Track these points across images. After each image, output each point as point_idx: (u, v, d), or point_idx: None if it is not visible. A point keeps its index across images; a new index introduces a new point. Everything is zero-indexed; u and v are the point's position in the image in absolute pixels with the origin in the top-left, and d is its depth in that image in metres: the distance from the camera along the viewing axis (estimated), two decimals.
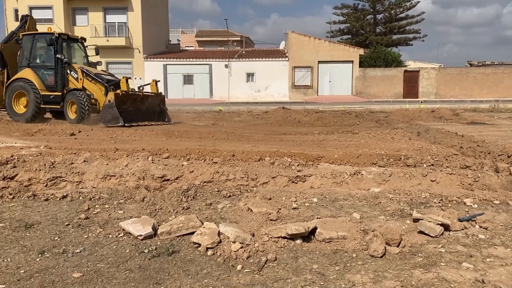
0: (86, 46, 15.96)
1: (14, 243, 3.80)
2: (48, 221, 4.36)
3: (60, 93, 14.15)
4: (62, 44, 14.52)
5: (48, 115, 15.49)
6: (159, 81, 15.53)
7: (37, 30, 15.94)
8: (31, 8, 33.85)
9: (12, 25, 33.82)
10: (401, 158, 6.83)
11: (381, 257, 3.43)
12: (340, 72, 35.11)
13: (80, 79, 13.99)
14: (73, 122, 13.38)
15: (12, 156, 6.64)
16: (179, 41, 48.85)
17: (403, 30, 51.06)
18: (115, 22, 34.62)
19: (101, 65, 16.61)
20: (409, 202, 4.90)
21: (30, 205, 4.95)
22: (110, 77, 14.97)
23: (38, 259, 3.45)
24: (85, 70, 14.27)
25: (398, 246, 3.59)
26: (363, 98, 33.64)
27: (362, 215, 4.41)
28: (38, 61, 14.79)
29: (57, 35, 14.38)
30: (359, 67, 35.25)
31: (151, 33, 36.73)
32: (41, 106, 14.34)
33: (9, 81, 14.66)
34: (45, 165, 6.09)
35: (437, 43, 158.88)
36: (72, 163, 6.31)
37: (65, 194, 5.27)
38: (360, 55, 35.49)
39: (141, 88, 14.48)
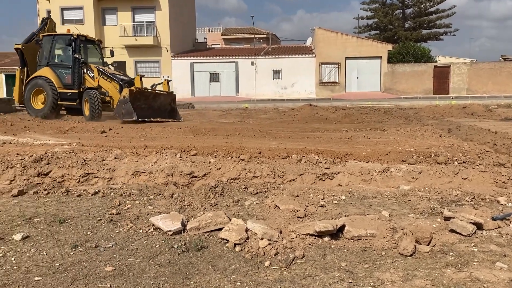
0: (103, 48, 16.89)
1: (49, 237, 3.93)
2: (81, 216, 4.49)
3: (76, 91, 14.96)
4: (80, 45, 15.37)
5: (63, 111, 16.23)
6: (170, 80, 16.30)
7: (56, 32, 16.52)
8: (62, 9, 34.77)
9: None
10: (431, 156, 6.69)
11: (411, 255, 3.38)
12: (368, 68, 34.61)
13: (96, 78, 14.84)
14: (87, 119, 14.09)
15: (46, 153, 6.86)
16: (206, 39, 49.20)
17: (433, 25, 49.86)
18: (143, 22, 35.15)
19: (116, 65, 17.38)
20: (439, 200, 4.80)
21: (63, 200, 5.11)
22: (124, 77, 15.71)
23: (72, 253, 3.57)
24: (101, 69, 15.09)
25: (428, 245, 3.53)
26: (392, 95, 33.07)
27: (391, 213, 4.35)
28: (56, 60, 15.65)
29: (75, 36, 15.22)
30: (388, 63, 34.63)
31: (179, 32, 37.13)
32: (58, 102, 15.16)
33: (28, 79, 15.48)
34: (77, 161, 6.27)
35: (469, 37, 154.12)
36: (103, 160, 6.47)
37: (97, 190, 5.41)
38: (388, 50, 34.86)
39: (153, 86, 15.12)
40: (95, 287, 2.96)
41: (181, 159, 6.31)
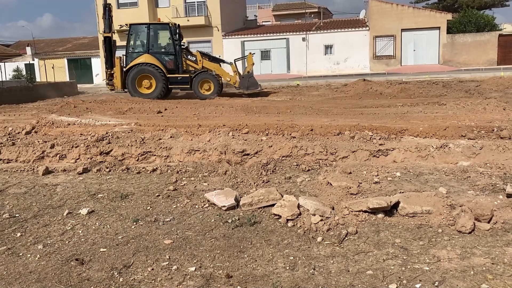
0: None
1: (112, 211, 4.19)
2: (140, 192, 4.72)
3: (187, 75, 16.05)
4: (180, 31, 16.37)
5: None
6: (254, 54, 18.29)
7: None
8: None
9: (101, 10, 36.00)
10: (493, 130, 6.35)
11: (470, 233, 3.27)
12: (425, 40, 32.93)
13: (200, 61, 16.32)
14: (206, 97, 15.37)
15: (107, 133, 7.23)
16: (256, 16, 48.84)
17: None
18: (194, 2, 35.41)
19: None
20: (502, 176, 4.57)
21: (124, 177, 5.38)
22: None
23: (133, 227, 3.78)
24: (205, 53, 17.08)
25: (489, 222, 3.39)
26: (451, 67, 31.38)
27: (449, 190, 4.21)
28: (156, 48, 16.38)
29: (174, 25, 16.36)
30: (447, 33, 32.74)
31: (229, 11, 37.10)
32: (169, 86, 16.15)
33: (129, 66, 15.96)
34: (136, 141, 6.55)
35: None
36: (160, 139, 6.72)
37: (155, 167, 5.65)
38: (448, 20, 32.92)
39: (237, 61, 17.34)
40: (155, 259, 3.13)
41: (233, 137, 6.41)
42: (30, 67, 34.77)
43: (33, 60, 36.07)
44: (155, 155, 6.29)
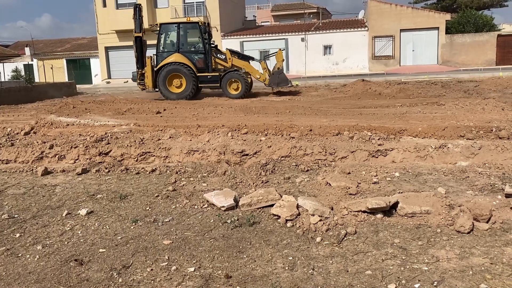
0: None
1: (111, 212, 4.19)
2: (139, 193, 4.72)
3: (217, 74, 15.91)
4: (209, 30, 16.36)
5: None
6: (284, 49, 18.28)
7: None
8: None
9: (101, 10, 35.99)
10: (492, 130, 6.36)
11: (468, 233, 3.28)
12: (424, 40, 32.97)
13: (229, 59, 16.18)
14: (235, 97, 15.33)
15: (106, 134, 7.23)
16: (255, 17, 48.86)
17: None
18: (193, 2, 35.41)
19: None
20: (501, 176, 4.57)
21: (123, 178, 5.38)
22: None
23: (132, 227, 3.78)
24: (234, 50, 16.91)
25: (487, 222, 3.40)
26: (450, 67, 31.42)
27: (447, 190, 4.21)
28: (186, 46, 16.28)
29: (203, 24, 16.26)
30: (446, 33, 32.78)
31: (228, 11, 37.11)
32: (199, 85, 16.04)
33: (159, 65, 15.89)
34: (135, 141, 6.55)
35: None
36: (159, 139, 6.72)
37: (154, 168, 5.64)
38: (446, 20, 32.96)
39: (266, 58, 17.33)
40: (154, 259, 3.13)
41: (232, 138, 6.42)
42: (29, 68, 34.73)
43: (32, 60, 36.04)
44: (154, 155, 6.29)
